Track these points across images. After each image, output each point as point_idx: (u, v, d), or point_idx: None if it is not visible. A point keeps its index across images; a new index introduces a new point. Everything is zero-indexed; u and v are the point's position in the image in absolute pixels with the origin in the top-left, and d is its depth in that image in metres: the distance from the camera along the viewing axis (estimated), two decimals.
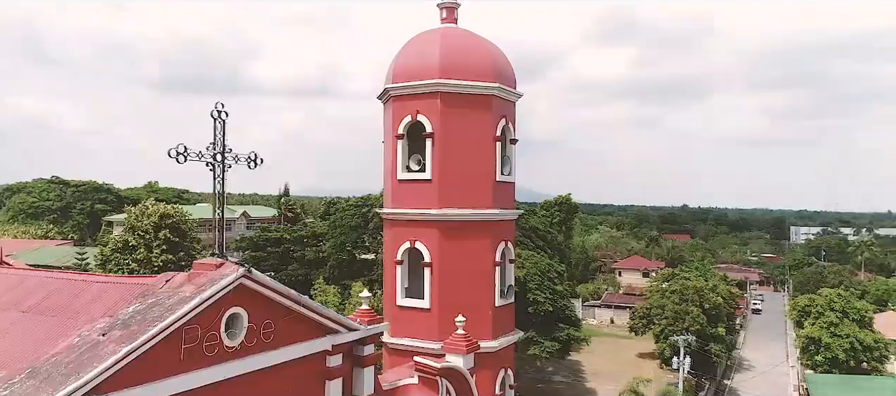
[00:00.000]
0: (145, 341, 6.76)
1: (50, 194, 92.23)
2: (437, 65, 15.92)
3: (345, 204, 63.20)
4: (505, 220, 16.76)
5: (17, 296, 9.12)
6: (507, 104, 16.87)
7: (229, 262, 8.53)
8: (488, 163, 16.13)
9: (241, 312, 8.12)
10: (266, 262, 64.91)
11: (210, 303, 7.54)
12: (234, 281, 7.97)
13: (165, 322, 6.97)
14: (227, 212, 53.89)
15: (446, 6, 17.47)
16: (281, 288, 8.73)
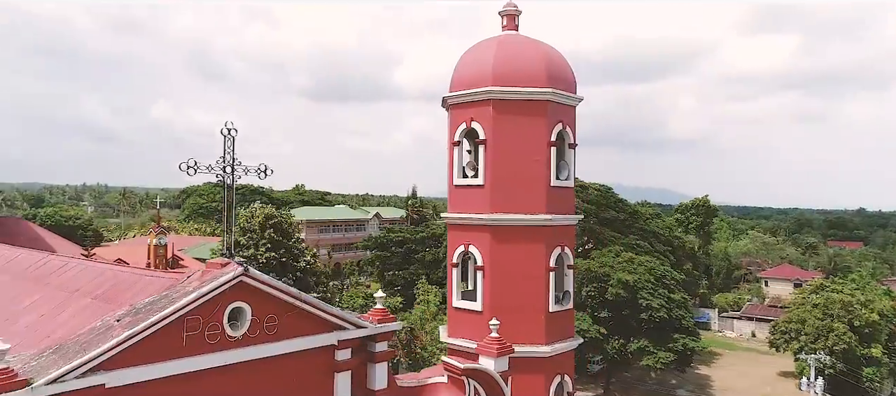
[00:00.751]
0: (145, 327, 8.07)
1: (216, 196, 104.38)
2: (490, 72, 16.27)
3: None
4: (561, 226, 16.62)
5: (94, 286, 11.13)
6: (563, 109, 16.74)
7: (233, 263, 9.67)
8: (541, 168, 16.14)
9: (245, 306, 9.24)
10: (390, 261, 68.36)
11: (209, 298, 8.73)
12: (230, 281, 9.08)
13: (163, 312, 8.25)
14: (361, 214, 59.65)
15: (507, 14, 17.74)
16: (281, 286, 9.74)
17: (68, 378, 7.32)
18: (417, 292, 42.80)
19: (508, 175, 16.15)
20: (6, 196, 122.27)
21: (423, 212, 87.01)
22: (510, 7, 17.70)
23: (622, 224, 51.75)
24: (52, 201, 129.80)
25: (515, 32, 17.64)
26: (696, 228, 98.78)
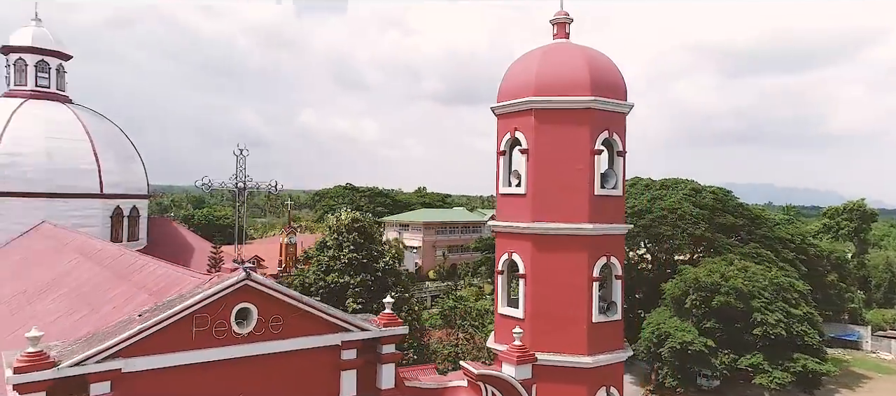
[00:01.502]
0: (156, 322, 9.48)
1: (344, 199, 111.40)
2: (532, 82, 16.42)
3: None
4: (606, 235, 16.31)
5: (154, 283, 13.04)
6: (610, 116, 16.42)
7: (242, 269, 10.86)
8: (584, 177, 15.99)
9: (251, 307, 10.41)
10: None
11: (214, 298, 9.98)
12: (232, 285, 10.28)
13: (172, 310, 9.62)
14: (477, 216, 61.52)
15: (558, 22, 17.75)
16: (284, 290, 10.80)
17: (89, 362, 8.94)
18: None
19: (550, 184, 16.19)
20: (174, 198, 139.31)
21: None
22: (561, 15, 17.68)
23: (741, 230, 48.06)
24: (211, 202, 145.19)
25: (565, 41, 17.60)
26: (848, 235, 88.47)
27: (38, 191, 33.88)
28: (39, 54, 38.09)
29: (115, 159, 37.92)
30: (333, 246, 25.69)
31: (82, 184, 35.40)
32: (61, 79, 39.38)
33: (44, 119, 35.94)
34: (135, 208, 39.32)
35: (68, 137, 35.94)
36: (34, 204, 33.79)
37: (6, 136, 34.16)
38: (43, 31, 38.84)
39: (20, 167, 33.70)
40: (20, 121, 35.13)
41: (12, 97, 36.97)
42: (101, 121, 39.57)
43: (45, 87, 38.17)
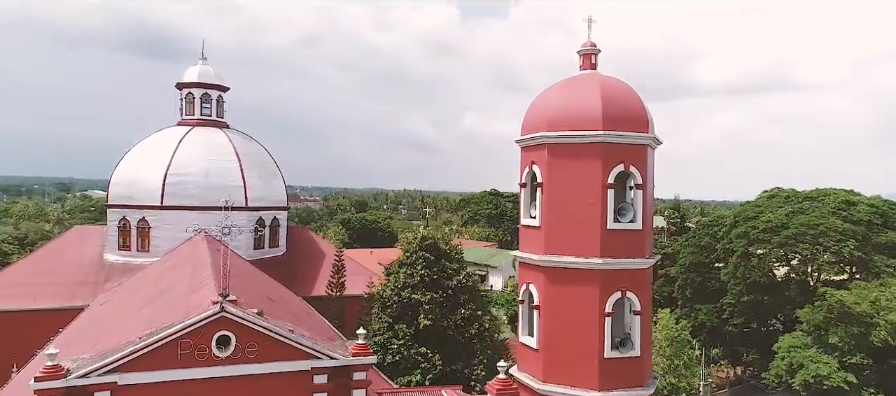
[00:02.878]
0: (144, 346, 11.81)
1: (488, 204, 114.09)
2: (546, 117, 16.78)
3: (712, 219, 58.74)
4: (620, 270, 16.11)
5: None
6: (626, 149, 16.18)
7: (223, 301, 12.81)
8: (595, 211, 15.99)
9: (230, 334, 12.37)
10: None
11: (193, 328, 12.08)
12: (208, 317, 12.30)
13: (157, 335, 11.91)
14: None
15: (584, 53, 17.81)
16: (256, 320, 12.56)
17: (91, 375, 11.56)
18: None
19: (563, 217, 16.44)
20: (339, 202, 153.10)
21: (685, 223, 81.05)
22: (587, 47, 17.72)
23: None
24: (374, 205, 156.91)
25: (591, 72, 17.61)
26: None
27: (197, 204, 40.38)
28: (203, 88, 45.25)
29: (259, 176, 43.75)
30: (408, 264, 27.57)
31: (231, 199, 41.45)
32: (221, 108, 46.34)
33: (204, 143, 42.71)
34: (275, 219, 44.96)
35: (222, 158, 42.33)
36: (194, 216, 40.23)
37: (175, 159, 41.23)
38: (207, 68, 46.06)
39: (184, 185, 40.50)
40: (186, 145, 42.15)
41: (183, 125, 44.40)
42: (249, 143, 45.87)
43: (207, 116, 45.24)
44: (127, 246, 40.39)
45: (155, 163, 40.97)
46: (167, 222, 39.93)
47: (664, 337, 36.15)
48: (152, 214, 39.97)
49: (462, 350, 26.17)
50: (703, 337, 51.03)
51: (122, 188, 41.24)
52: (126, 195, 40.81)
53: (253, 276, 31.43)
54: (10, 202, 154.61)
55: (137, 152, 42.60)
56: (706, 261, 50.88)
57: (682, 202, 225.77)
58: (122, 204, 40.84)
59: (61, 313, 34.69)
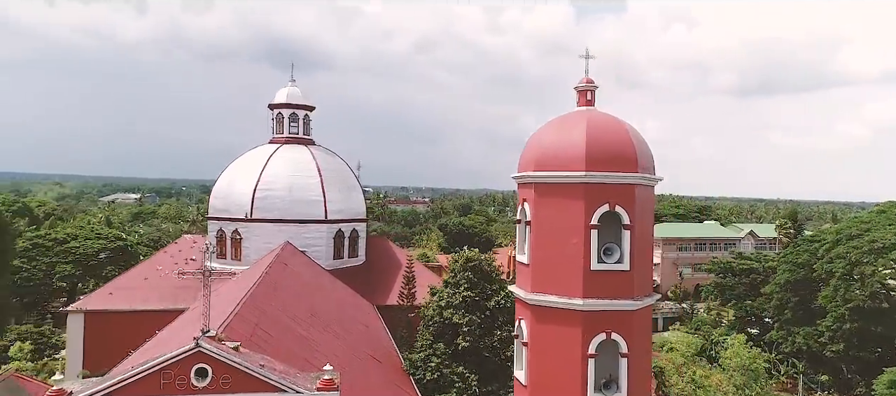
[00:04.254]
0: (131, 375, 13.60)
1: None
2: (535, 156, 16.97)
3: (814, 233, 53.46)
4: (604, 311, 15.93)
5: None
6: (613, 189, 15.95)
7: (200, 338, 14.30)
8: (578, 251, 15.96)
9: (207, 366, 13.89)
10: (732, 291, 62.11)
11: (172, 362, 13.71)
12: (184, 352, 13.86)
13: (142, 367, 13.67)
14: (732, 231, 60.06)
15: (580, 90, 17.75)
16: (228, 355, 13.94)
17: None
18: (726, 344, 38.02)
19: (548, 256, 16.55)
20: (443, 205, 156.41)
21: (802, 234, 74.33)
22: (582, 84, 17.64)
23: None
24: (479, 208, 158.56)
25: (586, 109, 17.51)
26: None
27: (282, 217, 43.98)
28: (292, 108, 49.04)
29: (339, 190, 46.65)
30: (451, 284, 28.38)
31: (312, 212, 44.67)
32: (307, 127, 49.91)
33: (290, 160, 46.32)
34: (354, 230, 47.68)
35: (304, 174, 45.68)
36: (280, 228, 43.94)
37: (264, 175, 45.14)
38: (295, 90, 49.82)
39: (271, 199, 44.23)
40: (274, 162, 45.96)
41: (273, 143, 48.40)
42: (331, 159, 49.00)
43: (295, 134, 48.95)
44: (223, 254, 44.80)
45: (246, 179, 45.11)
46: (256, 234, 43.85)
47: (734, 365, 34.00)
48: (243, 226, 44.07)
49: (499, 371, 26.60)
50: (802, 363, 47.03)
51: (220, 201, 45.83)
52: (222, 208, 45.31)
53: (314, 288, 33.77)
54: (160, 204, 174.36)
55: (233, 169, 47.09)
56: (805, 280, 46.74)
57: (823, 204, 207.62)
58: (218, 217, 45.39)
59: (165, 314, 39.28)
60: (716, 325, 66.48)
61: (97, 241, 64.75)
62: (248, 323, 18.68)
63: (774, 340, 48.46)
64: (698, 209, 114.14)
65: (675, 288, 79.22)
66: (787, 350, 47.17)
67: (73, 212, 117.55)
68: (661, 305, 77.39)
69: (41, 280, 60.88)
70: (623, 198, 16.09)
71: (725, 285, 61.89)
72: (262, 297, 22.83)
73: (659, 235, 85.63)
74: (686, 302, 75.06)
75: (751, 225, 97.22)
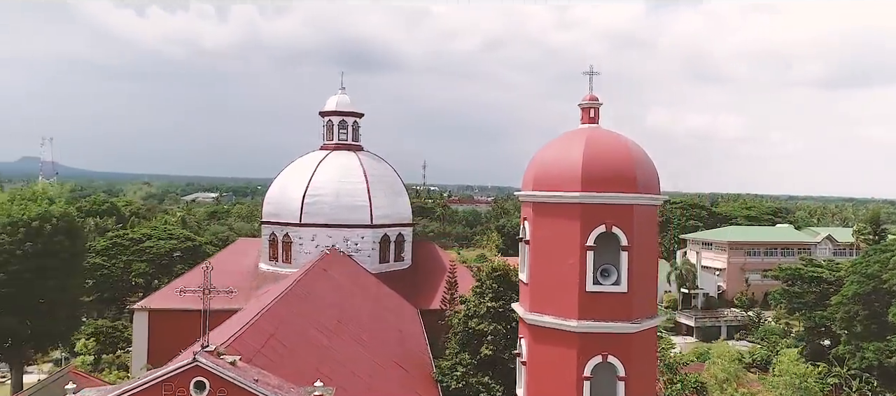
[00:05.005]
0: (134, 387, 14.52)
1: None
2: (534, 174, 16.93)
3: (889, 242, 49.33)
4: (600, 333, 15.69)
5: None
6: (609, 210, 15.68)
7: (202, 352, 15.04)
8: (574, 272, 15.80)
9: (205, 380, 14.65)
10: (799, 300, 58.66)
11: (171, 375, 14.53)
12: (183, 366, 14.64)
13: (144, 380, 14.57)
14: (806, 236, 58.09)
15: (583, 107, 17.52)
16: (224, 370, 14.61)
17: None
18: None
19: (546, 276, 16.49)
20: (504, 206, 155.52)
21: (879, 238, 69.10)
22: (586, 101, 17.40)
23: None
24: None
25: (589, 127, 17.26)
26: None
27: (329, 222, 45.38)
28: (341, 116, 50.45)
29: (385, 195, 47.60)
30: (478, 293, 28.49)
31: (357, 216, 45.84)
32: (356, 133, 51.22)
33: (338, 166, 47.70)
34: (400, 234, 48.53)
35: (351, 180, 46.92)
36: (327, 233, 45.38)
37: (313, 181, 46.70)
38: (345, 97, 51.21)
39: (319, 205, 45.72)
40: (323, 168, 47.45)
41: (323, 150, 49.98)
42: (379, 165, 50.06)
43: (344, 140, 50.35)
44: (275, 257, 46.78)
45: (297, 184, 46.80)
46: (305, 238, 45.44)
47: (784, 383, 32.27)
48: (293, 231, 45.77)
49: None
50: (874, 381, 43.93)
51: (272, 207, 47.82)
52: (274, 213, 47.26)
53: (350, 293, 34.66)
54: (234, 203, 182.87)
55: (285, 175, 48.98)
56: (876, 292, 43.56)
57: None
58: (271, 221, 47.38)
59: (220, 314, 41.47)
60: (784, 335, 63.07)
61: (169, 241, 68.82)
62: (263, 333, 19.64)
63: (842, 354, 45.50)
64: (773, 211, 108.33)
65: (741, 295, 75.63)
66: (857, 367, 44.16)
67: (155, 212, 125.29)
68: (726, 313, 74.16)
69: (119, 277, 65.44)
70: (621, 218, 15.79)
71: (792, 293, 58.54)
72: (287, 306, 23.86)
73: (725, 239, 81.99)
74: (752, 309, 71.54)
75: (830, 228, 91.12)
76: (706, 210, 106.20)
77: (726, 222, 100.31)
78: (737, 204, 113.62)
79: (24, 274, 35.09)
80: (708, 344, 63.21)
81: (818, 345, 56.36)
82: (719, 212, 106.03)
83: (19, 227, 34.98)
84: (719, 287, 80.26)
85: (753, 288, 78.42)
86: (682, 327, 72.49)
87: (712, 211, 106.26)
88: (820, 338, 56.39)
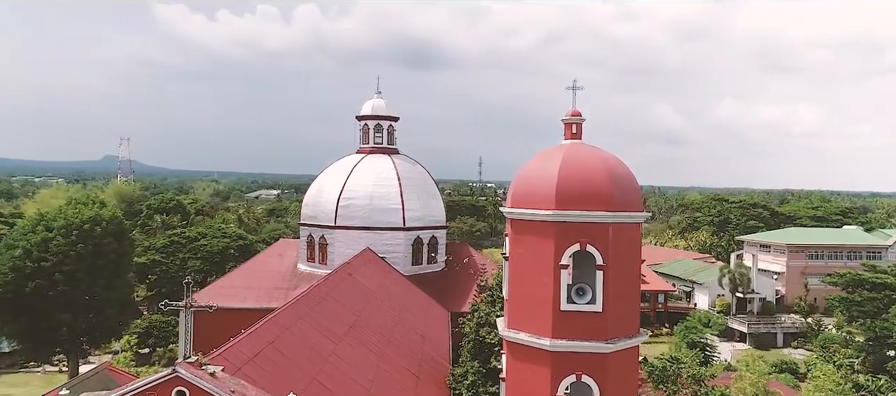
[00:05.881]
0: (120, 394, 15.42)
1: (711, 210, 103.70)
2: (513, 191, 16.91)
3: None
4: (573, 353, 15.52)
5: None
6: (583, 228, 15.46)
7: (183, 363, 15.74)
8: (548, 290, 15.69)
9: (185, 390, 15.38)
10: (860, 308, 55.32)
11: (151, 385, 15.32)
12: (163, 377, 15.40)
13: (126, 389, 15.45)
14: (878, 238, 56.96)
15: (566, 122, 17.31)
16: (202, 381, 15.27)
17: None
18: None
19: (522, 293, 16.46)
20: None
21: None
22: (568, 116, 17.19)
23: None
24: None
25: (571, 143, 17.05)
26: None
27: (362, 225, 46.39)
28: (376, 120, 51.36)
29: (418, 198, 48.17)
30: (489, 302, 28.45)
31: (390, 219, 46.62)
32: (391, 137, 52.01)
33: (372, 169, 48.64)
34: (433, 237, 49.01)
35: (384, 183, 47.75)
36: (361, 235, 46.40)
37: (348, 184, 47.84)
38: (380, 102, 52.08)
39: (353, 208, 46.81)
40: (358, 172, 48.52)
41: (360, 153, 51.05)
42: (413, 168, 50.66)
43: (379, 144, 51.23)
44: (312, 258, 48.25)
45: (332, 187, 48.10)
46: (339, 240, 46.65)
47: None
48: (329, 233, 47.07)
49: None
50: None
51: (309, 209, 49.33)
52: (311, 215, 48.73)
53: (371, 298, 35.29)
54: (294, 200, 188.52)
55: (322, 178, 50.40)
56: None
57: None
58: (308, 223, 48.88)
59: (259, 312, 43.21)
60: (845, 345, 59.59)
61: (222, 240, 72.15)
62: (261, 341, 20.46)
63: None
64: (842, 211, 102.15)
65: (801, 301, 71.88)
66: None
67: (217, 209, 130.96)
68: (783, 319, 70.77)
69: (176, 273, 69.07)
70: (595, 237, 15.55)
71: (852, 300, 55.24)
72: (296, 312, 24.71)
73: (783, 241, 78.14)
74: (812, 316, 67.90)
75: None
76: (768, 210, 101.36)
77: (790, 222, 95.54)
78: (802, 203, 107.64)
79: (76, 273, 37.56)
80: (760, 352, 60.66)
81: (882, 357, 52.94)
82: (783, 212, 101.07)
83: (72, 230, 37.47)
84: (777, 291, 76.61)
85: (814, 294, 74.44)
86: (735, 333, 69.75)
87: (774, 211, 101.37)
88: (884, 349, 52.97)
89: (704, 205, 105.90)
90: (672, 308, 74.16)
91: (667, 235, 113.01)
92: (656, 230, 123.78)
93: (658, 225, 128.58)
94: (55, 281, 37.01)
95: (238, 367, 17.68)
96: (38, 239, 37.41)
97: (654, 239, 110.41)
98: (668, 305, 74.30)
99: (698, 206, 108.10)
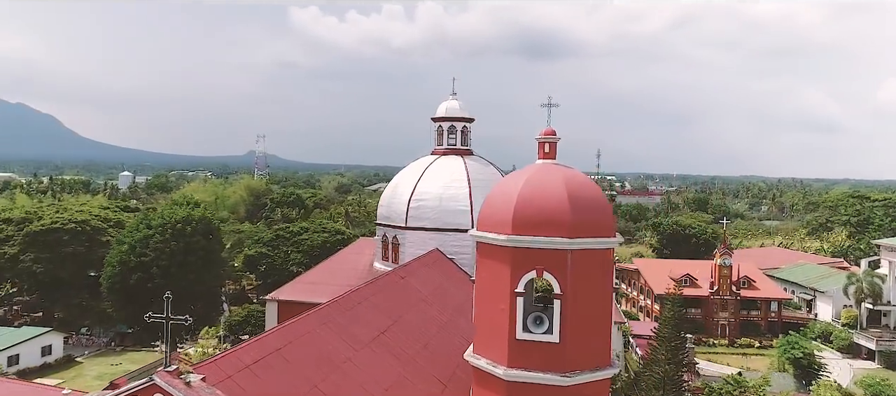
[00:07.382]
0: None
1: (847, 209, 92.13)
2: (480, 214, 16.42)
3: None
4: (527, 383, 14.79)
5: None
6: (540, 255, 14.65)
7: (161, 372, 16.76)
8: (504, 318, 15.11)
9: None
10: None
11: (138, 389, 16.52)
12: (139, 385, 16.54)
13: (114, 392, 16.83)
14: None
15: (539, 141, 16.48)
16: (178, 390, 16.18)
17: None
18: None
19: (484, 319, 15.98)
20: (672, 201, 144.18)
21: None
22: (542, 135, 16.34)
23: None
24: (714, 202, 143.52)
25: (542, 163, 16.21)
26: None
27: (432, 226, 47.01)
28: (451, 121, 51.68)
29: None
30: None
31: (458, 221, 46.74)
32: (466, 138, 52.09)
33: (444, 170, 49.07)
34: None
35: (455, 184, 47.98)
36: (430, 236, 47.07)
37: (419, 186, 48.68)
38: (454, 103, 52.29)
39: (423, 209, 47.58)
40: (430, 173, 49.20)
41: (434, 154, 51.69)
42: (485, 169, 50.32)
43: (453, 145, 51.53)
44: (386, 257, 49.76)
45: (405, 188, 49.18)
46: (411, 240, 47.67)
47: None
48: (400, 233, 48.26)
49: None
50: None
51: (384, 209, 50.82)
52: (385, 216, 50.19)
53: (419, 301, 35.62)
54: None
55: (397, 179, 51.72)
56: None
57: None
58: (383, 223, 50.43)
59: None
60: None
61: (322, 234, 76.43)
62: (267, 348, 21.50)
63: None
64: None
65: None
66: None
67: (332, 202, 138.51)
68: None
69: (281, 265, 74.29)
70: (552, 264, 14.72)
71: None
72: (320, 316, 25.67)
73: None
74: None
75: None
76: None
77: None
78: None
79: (170, 268, 41.76)
80: (887, 373, 53.68)
81: None
82: None
83: (167, 228, 41.69)
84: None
85: None
86: (862, 349, 61.98)
87: None
88: None
89: (841, 203, 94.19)
90: (787, 317, 67.51)
91: (797, 235, 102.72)
92: (786, 230, 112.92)
93: (791, 223, 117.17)
94: (152, 274, 41.35)
95: (229, 375, 18.77)
96: (141, 236, 41.96)
97: (781, 241, 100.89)
98: (784, 315, 67.70)
99: (834, 204, 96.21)
